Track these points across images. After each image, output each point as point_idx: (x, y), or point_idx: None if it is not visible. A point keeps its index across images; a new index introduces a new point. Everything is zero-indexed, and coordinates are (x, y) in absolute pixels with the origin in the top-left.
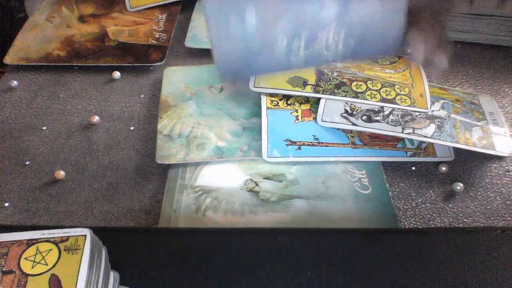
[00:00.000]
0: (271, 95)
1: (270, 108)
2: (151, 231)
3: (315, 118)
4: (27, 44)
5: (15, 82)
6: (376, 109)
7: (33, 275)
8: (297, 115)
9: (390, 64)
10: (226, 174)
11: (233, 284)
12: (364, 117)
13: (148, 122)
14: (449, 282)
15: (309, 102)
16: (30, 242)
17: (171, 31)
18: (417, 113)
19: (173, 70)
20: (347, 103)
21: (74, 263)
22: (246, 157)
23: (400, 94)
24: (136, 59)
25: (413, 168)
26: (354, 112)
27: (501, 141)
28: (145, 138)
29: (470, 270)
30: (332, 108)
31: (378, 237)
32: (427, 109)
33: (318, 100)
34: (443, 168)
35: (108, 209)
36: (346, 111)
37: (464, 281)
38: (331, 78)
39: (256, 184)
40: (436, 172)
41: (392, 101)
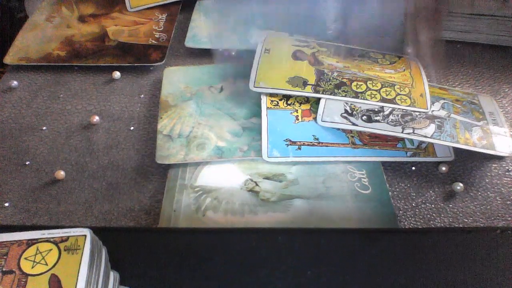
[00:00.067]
0: (271, 95)
1: (270, 108)
2: (151, 231)
3: (315, 118)
4: (27, 44)
5: (15, 82)
6: (376, 109)
7: (33, 275)
8: (297, 115)
9: (390, 64)
10: (226, 174)
11: (233, 284)
12: (364, 117)
13: (148, 122)
14: (449, 282)
15: (309, 102)
16: (30, 242)
17: (171, 31)
18: (417, 113)
19: (173, 70)
20: (347, 103)
21: (74, 263)
22: (246, 157)
23: (400, 94)
24: (136, 59)
25: (413, 168)
26: (354, 112)
27: (501, 141)
28: (145, 138)
29: (470, 270)
30: (332, 108)
31: (378, 237)
32: (427, 109)
33: (318, 100)
34: (443, 168)
35: (108, 209)
36: (346, 111)
37: (464, 281)
38: (331, 78)
39: (256, 184)
40: (436, 172)
41: (392, 101)
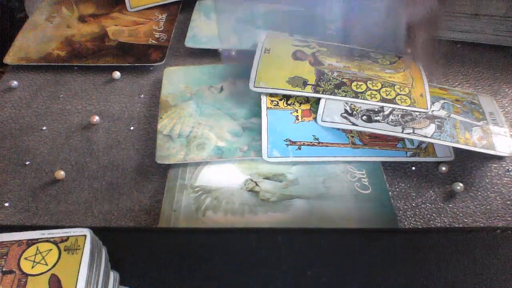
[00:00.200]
0: (271, 95)
1: (270, 108)
2: (151, 231)
3: (315, 118)
4: (27, 44)
5: (15, 82)
6: (376, 109)
7: (33, 275)
8: (297, 115)
9: (390, 64)
10: (226, 174)
11: (233, 284)
12: (364, 117)
13: (148, 122)
14: (449, 282)
15: (309, 102)
16: (30, 242)
17: (171, 31)
18: (417, 113)
19: (173, 70)
20: (347, 103)
21: (74, 263)
22: (246, 157)
23: (400, 94)
24: (136, 59)
25: (413, 168)
26: (354, 112)
27: (501, 141)
28: (145, 138)
29: (470, 270)
30: (332, 108)
31: (378, 237)
32: (427, 109)
33: (318, 100)
34: (443, 168)
35: (108, 209)
36: (346, 111)
37: (464, 281)
38: (331, 78)
39: (256, 184)
40: (436, 172)
41: (392, 101)
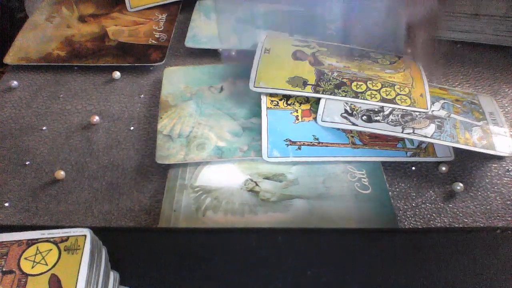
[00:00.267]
0: (271, 95)
1: (270, 108)
2: (151, 231)
3: (315, 118)
4: (27, 44)
5: (15, 82)
6: (376, 109)
7: (33, 275)
8: (297, 115)
9: (390, 64)
10: (226, 174)
11: (233, 284)
12: (364, 117)
13: (148, 122)
14: (449, 282)
15: (309, 102)
16: (30, 242)
17: (171, 31)
18: (417, 113)
19: (173, 70)
20: (347, 103)
21: (74, 263)
22: (246, 157)
23: (400, 94)
24: (136, 59)
25: (413, 168)
26: (354, 112)
27: (501, 141)
28: (145, 138)
29: (470, 270)
30: (332, 108)
31: (378, 237)
32: (427, 109)
33: (318, 100)
34: (443, 168)
35: (108, 209)
36: (346, 111)
37: (464, 281)
38: (331, 78)
39: (256, 184)
40: (436, 172)
41: (392, 101)
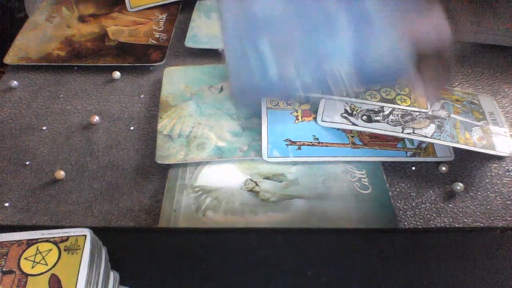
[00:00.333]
0: None
1: (270, 108)
2: (151, 231)
3: (315, 118)
4: (27, 44)
5: (15, 82)
6: (376, 109)
7: (33, 275)
8: (297, 115)
9: None
10: (226, 174)
11: (233, 284)
12: (364, 117)
13: (148, 122)
14: (449, 282)
15: (309, 102)
16: (30, 242)
17: (171, 31)
18: (417, 113)
19: (173, 70)
20: (347, 103)
21: (74, 263)
22: (246, 157)
23: (400, 94)
24: (136, 59)
25: (413, 168)
26: (354, 112)
27: (501, 141)
28: (145, 138)
29: (470, 270)
30: (332, 108)
31: (378, 237)
32: (427, 109)
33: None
34: (443, 168)
35: (108, 209)
36: (346, 111)
37: (464, 281)
38: None
39: (256, 184)
40: (436, 172)
41: (392, 101)
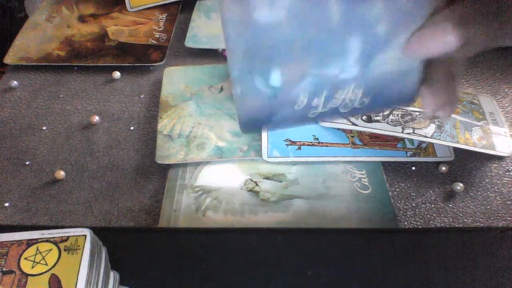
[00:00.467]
0: None
1: None
2: (151, 231)
3: None
4: (27, 44)
5: (15, 82)
6: None
7: (33, 275)
8: None
9: None
10: (226, 174)
11: (233, 284)
12: (364, 117)
13: (148, 122)
14: (449, 282)
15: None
16: (30, 242)
17: (171, 31)
18: (417, 113)
19: (173, 70)
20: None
21: (74, 263)
22: (246, 157)
23: None
24: (136, 59)
25: (413, 168)
26: None
27: (501, 141)
28: (145, 138)
29: (470, 270)
30: None
31: (378, 237)
32: None
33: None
34: (443, 168)
35: (108, 209)
36: None
37: (464, 281)
38: None
39: (256, 184)
40: (436, 172)
41: None
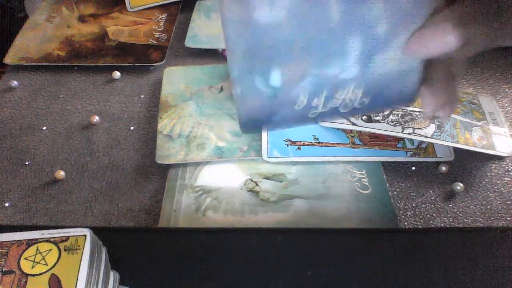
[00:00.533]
0: None
1: None
2: (151, 231)
3: None
4: (27, 44)
5: (15, 82)
6: None
7: (33, 275)
8: None
9: None
10: (226, 174)
11: (233, 284)
12: (364, 117)
13: (148, 122)
14: (449, 282)
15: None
16: (30, 242)
17: (171, 31)
18: (417, 113)
19: (173, 70)
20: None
21: (74, 263)
22: (246, 157)
23: None
24: (136, 59)
25: (413, 168)
26: None
27: (501, 141)
28: (145, 138)
29: (470, 270)
30: None
31: (378, 237)
32: None
33: None
34: (443, 168)
35: (108, 209)
36: None
37: (464, 281)
38: None
39: (256, 184)
40: (436, 172)
41: None
